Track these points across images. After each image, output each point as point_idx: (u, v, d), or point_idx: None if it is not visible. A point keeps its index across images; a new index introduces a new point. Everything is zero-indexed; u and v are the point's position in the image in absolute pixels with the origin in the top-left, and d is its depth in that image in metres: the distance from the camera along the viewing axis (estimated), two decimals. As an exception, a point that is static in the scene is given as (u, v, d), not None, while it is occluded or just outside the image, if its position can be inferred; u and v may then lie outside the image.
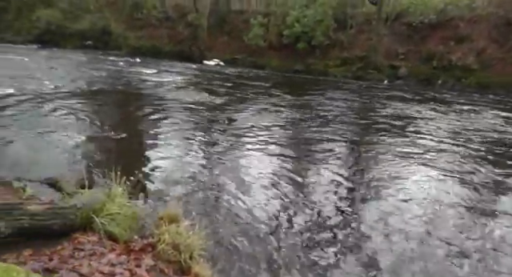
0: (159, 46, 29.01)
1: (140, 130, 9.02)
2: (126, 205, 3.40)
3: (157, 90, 14.61)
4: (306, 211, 5.08)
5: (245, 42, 27.47)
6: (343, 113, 12.63)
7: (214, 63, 26.91)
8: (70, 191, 4.04)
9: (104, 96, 12.87)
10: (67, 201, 3.10)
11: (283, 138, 9.01)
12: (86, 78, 16.02)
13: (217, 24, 29.42)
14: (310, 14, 24.85)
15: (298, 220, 4.81)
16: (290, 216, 4.90)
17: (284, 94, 15.65)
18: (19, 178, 5.17)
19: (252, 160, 7.08)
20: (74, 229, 2.97)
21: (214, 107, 12.01)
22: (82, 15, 30.32)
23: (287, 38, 25.92)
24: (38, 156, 6.45)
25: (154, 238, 3.22)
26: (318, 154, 7.88)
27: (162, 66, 22.52)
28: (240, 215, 4.74)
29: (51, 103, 10.49)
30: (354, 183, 6.33)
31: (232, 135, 8.80)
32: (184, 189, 5.43)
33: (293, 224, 4.70)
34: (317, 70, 25.07)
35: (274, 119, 10.79)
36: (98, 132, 8.28)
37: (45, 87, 12.79)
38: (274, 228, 4.53)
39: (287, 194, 5.62)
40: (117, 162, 4.38)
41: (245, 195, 5.36)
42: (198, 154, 7.25)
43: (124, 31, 29.48)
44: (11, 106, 9.82)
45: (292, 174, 6.51)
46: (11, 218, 2.64)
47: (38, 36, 29.34)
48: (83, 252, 2.85)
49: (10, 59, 19.75)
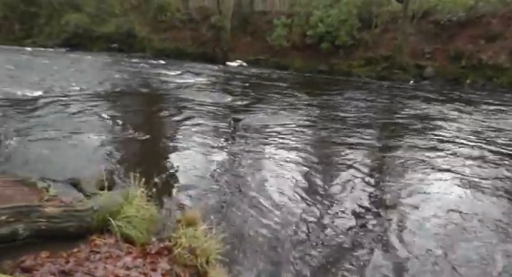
0: (183, 47, 29.33)
1: (162, 132, 9.06)
2: (144, 207, 3.36)
3: (179, 91, 14.71)
4: (327, 217, 4.93)
5: (268, 43, 27.41)
6: (367, 114, 12.35)
7: (237, 64, 26.96)
8: (89, 192, 4.05)
9: (127, 98, 13.05)
10: (84, 203, 3.09)
11: (305, 141, 8.85)
12: (111, 80, 16.33)
13: (240, 25, 29.49)
14: (334, 14, 24.53)
15: (318, 226, 4.67)
16: (310, 221, 4.76)
17: (307, 95, 15.47)
18: (44, 178, 5.27)
19: (273, 163, 6.95)
20: (91, 231, 2.94)
21: (236, 109, 11.98)
22: (108, 19, 31.01)
23: (311, 39, 25.70)
24: (63, 156, 6.56)
25: (171, 242, 3.16)
26: (341, 156, 7.68)
27: (185, 68, 22.71)
28: (259, 220, 4.63)
29: (76, 105, 10.72)
30: (375, 186, 6.13)
31: (253, 137, 8.71)
32: (203, 192, 5.38)
33: (313, 230, 4.56)
34: (340, 70, 24.73)
35: (296, 121, 10.64)
36: (120, 133, 8.36)
37: (71, 89, 13.09)
38: (293, 234, 4.40)
39: (308, 198, 5.47)
40: (137, 164, 4.39)
41: (265, 200, 5.24)
42: (218, 157, 7.18)
43: (148, 34, 29.96)
44: (39, 107, 10.09)
45: (313, 177, 6.37)
46: (29, 221, 2.63)
47: (66, 40, 30.22)
48: (99, 255, 2.82)
49: (40, 62, 20.38)
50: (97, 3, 31.73)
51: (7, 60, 19.79)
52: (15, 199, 3.99)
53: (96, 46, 30.04)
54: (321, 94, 16.37)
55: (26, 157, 6.40)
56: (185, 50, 29.21)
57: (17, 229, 2.55)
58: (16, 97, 11.11)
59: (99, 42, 30.31)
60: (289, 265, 3.79)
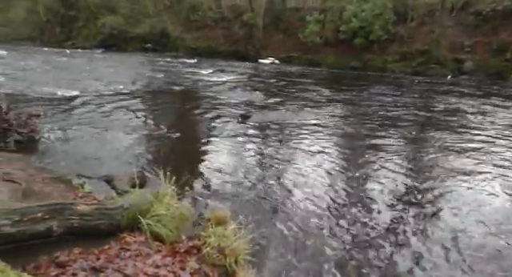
0: (215, 46, 29.59)
1: (193, 130, 9.16)
2: (174, 206, 3.38)
3: (211, 89, 14.81)
4: (362, 218, 4.77)
5: (300, 40, 27.16)
6: (402, 110, 11.96)
7: (269, 62, 26.89)
8: (121, 190, 4.13)
9: (160, 96, 13.28)
10: (115, 201, 3.14)
11: (339, 138, 8.67)
12: (144, 79, 16.70)
13: (272, 22, 29.38)
14: (368, 8, 23.95)
15: (351, 226, 4.52)
16: (342, 222, 4.62)
17: (340, 92, 15.19)
18: (79, 175, 5.44)
19: (306, 161, 6.83)
20: (121, 229, 2.99)
21: (267, 106, 11.91)
22: (142, 20, 31.79)
23: (344, 34, 25.23)
24: (97, 154, 6.74)
25: (200, 241, 3.16)
26: (377, 154, 7.43)
27: (218, 66, 22.87)
28: (289, 220, 4.54)
29: (111, 104, 11.02)
30: (407, 185, 5.89)
31: (285, 135, 8.63)
32: (233, 191, 5.34)
33: (345, 230, 4.42)
34: (374, 66, 24.13)
35: (330, 118, 10.45)
36: (153, 131, 8.51)
37: (106, 88, 13.48)
38: (325, 236, 4.28)
39: (339, 197, 5.34)
40: (168, 162, 4.42)
41: (297, 200, 5.14)
42: (249, 156, 7.15)
43: (181, 33, 30.43)
44: (76, 106, 10.46)
45: (344, 175, 6.22)
46: (62, 218, 2.70)
47: (102, 41, 31.26)
48: (129, 252, 2.85)
49: (78, 63, 21.14)
50: (131, 5, 32.58)
51: (48, 61, 20.66)
52: (53, 196, 4.14)
53: (130, 46, 30.86)
54: (354, 90, 16.02)
55: (64, 154, 6.63)
56: (217, 48, 29.46)
57: (51, 226, 2.62)
58: (55, 96, 11.56)
59: (134, 43, 31.12)
60: (318, 267, 3.70)
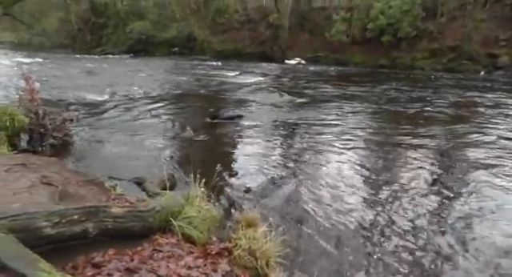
0: (241, 48, 29.76)
1: (222, 132, 9.20)
2: (204, 208, 3.40)
3: (238, 91, 14.89)
4: (392, 217, 4.65)
5: (327, 39, 26.92)
6: (433, 108, 11.62)
7: (296, 62, 26.77)
8: (152, 192, 4.19)
9: (187, 99, 13.45)
10: (147, 204, 3.19)
11: (369, 139, 8.50)
12: (172, 82, 16.98)
13: (298, 22, 29.27)
14: (396, 5, 23.44)
15: (383, 228, 4.42)
16: (373, 225, 4.51)
17: (369, 92, 14.92)
18: (111, 178, 5.58)
19: (335, 164, 6.73)
20: (154, 231, 3.03)
21: (295, 107, 11.86)
22: (169, 24, 32.37)
23: (371, 32, 24.81)
24: (128, 156, 6.91)
25: (231, 243, 3.16)
26: (409, 155, 7.24)
27: (244, 68, 22.97)
28: (320, 223, 4.48)
29: (140, 107, 11.28)
30: (446, 185, 5.70)
31: (314, 137, 8.53)
32: (263, 193, 5.34)
33: (376, 233, 4.32)
34: (403, 63, 23.59)
35: (358, 119, 10.29)
36: (180, 134, 8.62)
37: (135, 92, 13.80)
38: (356, 239, 4.20)
39: (373, 199, 5.22)
40: (197, 164, 4.44)
41: (327, 202, 5.08)
42: (278, 158, 7.13)
43: (207, 36, 30.79)
44: (106, 110, 10.77)
45: (378, 176, 6.09)
46: (97, 220, 2.76)
47: (130, 46, 32.07)
48: (162, 254, 2.88)
49: (107, 68, 21.73)
50: (159, 10, 33.25)
51: (79, 67, 21.35)
52: (87, 198, 4.26)
53: (158, 50, 31.48)
54: (383, 88, 15.71)
55: (95, 157, 6.83)
56: (243, 50, 29.62)
57: (87, 227, 2.68)
58: (86, 101, 11.94)
59: (161, 47, 31.73)
60: (350, 271, 3.63)
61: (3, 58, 23.73)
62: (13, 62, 21.51)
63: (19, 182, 4.28)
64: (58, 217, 2.57)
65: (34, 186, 4.23)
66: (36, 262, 1.40)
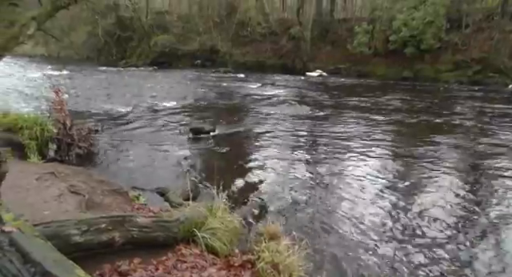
0: (263, 60, 29.98)
1: (242, 144, 9.24)
2: (227, 219, 3.42)
3: (259, 103, 14.96)
4: (417, 230, 4.54)
5: (348, 51, 26.84)
6: (460, 120, 11.36)
7: (317, 74, 26.73)
8: (175, 203, 4.24)
9: (209, 111, 13.58)
10: (171, 214, 3.24)
11: (392, 152, 8.37)
12: (194, 94, 17.21)
13: (320, 34, 29.35)
14: (419, 16, 23.18)
15: (409, 243, 4.31)
16: (402, 241, 4.41)
17: (391, 105, 14.73)
18: (135, 188, 5.68)
19: (358, 176, 6.63)
20: (177, 241, 3.07)
21: (316, 120, 11.82)
22: (192, 37, 32.98)
23: (393, 44, 24.58)
24: (150, 167, 7.02)
25: (254, 255, 3.16)
26: (434, 172, 7.03)
27: (265, 80, 23.09)
28: (344, 238, 4.41)
29: (162, 118, 11.48)
30: (476, 197, 5.54)
31: (336, 150, 8.45)
32: (285, 206, 5.30)
33: (404, 250, 4.21)
34: (426, 76, 23.21)
35: (381, 131, 10.15)
36: (202, 145, 8.70)
37: (158, 104, 14.05)
38: (382, 254, 4.11)
39: (398, 213, 5.12)
40: (219, 176, 4.47)
41: (350, 216, 5.00)
42: (300, 170, 7.07)
43: (230, 49, 31.16)
44: (129, 121, 11.01)
45: (403, 189, 5.98)
46: (124, 229, 2.83)
47: (154, 59, 32.72)
48: (185, 264, 2.91)
49: (131, 80, 22.22)
50: (182, 23, 33.95)
51: (104, 79, 21.95)
52: (112, 207, 4.35)
53: (181, 63, 32.02)
54: (405, 101, 15.48)
55: (119, 167, 6.98)
56: (265, 62, 29.82)
57: (114, 236, 2.75)
58: (111, 112, 12.23)
59: (184, 60, 32.27)
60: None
61: (35, 70, 24.66)
62: (43, 74, 22.33)
63: (49, 191, 4.43)
64: (86, 225, 2.65)
65: (62, 194, 4.37)
66: (73, 269, 1.44)
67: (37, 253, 1.42)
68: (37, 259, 1.37)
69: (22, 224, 1.69)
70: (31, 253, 1.40)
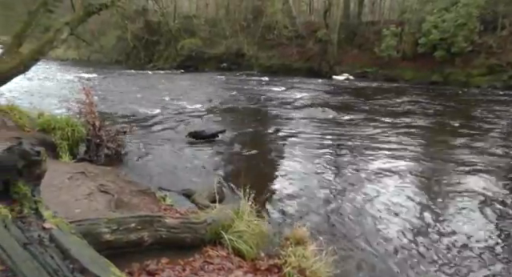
0: (289, 63, 29.88)
1: (268, 147, 9.23)
2: (254, 223, 3.41)
3: (285, 107, 14.92)
4: (448, 245, 4.38)
5: (376, 54, 26.41)
6: (491, 127, 10.97)
7: (343, 78, 26.43)
8: (201, 205, 4.27)
9: (235, 114, 13.66)
10: (199, 216, 3.26)
11: (420, 158, 8.14)
12: (220, 97, 17.33)
13: (347, 37, 29.03)
14: (451, 18, 22.52)
15: (440, 252, 4.18)
16: (435, 248, 4.27)
17: (419, 109, 14.39)
18: (161, 188, 5.76)
19: (385, 182, 6.50)
20: (204, 243, 3.08)
21: (342, 124, 11.68)
22: (218, 41, 33.30)
23: (423, 47, 24.00)
24: (176, 168, 7.12)
25: (280, 260, 3.13)
26: (463, 181, 6.81)
27: (291, 83, 22.99)
28: (372, 245, 4.30)
29: (189, 120, 11.61)
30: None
31: (363, 154, 8.32)
32: (312, 210, 5.24)
33: (437, 258, 4.09)
34: (456, 80, 22.51)
35: (408, 137, 9.90)
36: (228, 147, 8.75)
37: (184, 107, 14.22)
38: (413, 263, 3.99)
39: (429, 220, 4.97)
40: (246, 179, 4.47)
41: (380, 223, 4.89)
42: (326, 174, 7.00)
43: (256, 52, 31.26)
44: (157, 123, 11.20)
45: (431, 195, 5.82)
46: (152, 229, 2.86)
47: (181, 62, 33.25)
48: (212, 266, 2.92)
49: (158, 83, 22.57)
50: (209, 27, 34.35)
51: (132, 82, 22.42)
52: (140, 207, 4.42)
53: (207, 66, 32.39)
54: (434, 106, 15.10)
55: (146, 168, 7.10)
56: (291, 65, 29.71)
57: (143, 236, 2.79)
58: (138, 114, 12.47)
59: (210, 63, 32.62)
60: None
61: (66, 73, 25.50)
62: (74, 77, 23.07)
63: (80, 189, 4.54)
64: (116, 224, 2.70)
65: (92, 193, 4.47)
66: (108, 267, 1.47)
67: (74, 250, 1.45)
68: (75, 256, 1.40)
69: (60, 221, 1.74)
70: (70, 250, 1.44)
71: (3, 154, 1.81)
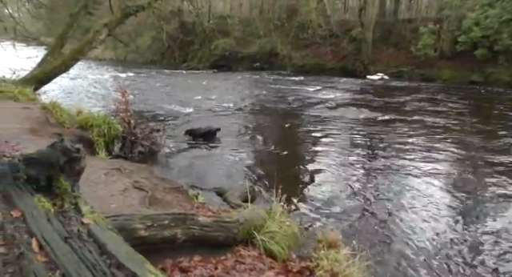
0: (322, 63, 29.53)
1: (301, 148, 9.15)
2: (286, 224, 3.38)
3: (318, 107, 14.76)
4: (491, 252, 4.18)
5: (412, 53, 25.58)
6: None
7: (378, 77, 25.81)
8: (233, 204, 4.28)
9: (267, 113, 13.64)
10: (231, 215, 3.26)
11: (456, 163, 7.81)
12: (252, 96, 17.38)
13: (382, 36, 28.34)
14: (495, 14, 21.40)
15: (482, 258, 3.99)
16: (474, 255, 4.09)
17: (457, 110, 13.83)
18: (193, 186, 5.83)
19: (421, 185, 6.29)
20: (236, 242, 3.08)
21: (376, 124, 11.41)
22: (252, 41, 33.42)
23: (462, 45, 22.99)
24: (208, 167, 7.18)
25: (312, 262, 3.08)
26: (507, 186, 6.49)
27: (325, 83, 22.70)
28: (407, 252, 4.15)
29: (222, 119, 11.71)
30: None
31: (398, 157, 8.09)
32: (344, 213, 5.14)
33: (475, 263, 3.91)
34: (499, 80, 21.42)
35: (445, 140, 9.54)
36: (260, 147, 8.75)
37: (217, 106, 14.38)
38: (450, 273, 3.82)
39: (466, 225, 4.77)
40: (278, 179, 4.44)
41: (415, 228, 4.72)
42: (360, 176, 6.85)
43: (289, 51, 31.11)
44: (189, 121, 11.34)
45: (469, 201, 5.58)
46: (185, 227, 2.89)
47: (214, 62, 33.64)
48: (244, 266, 2.91)
49: (192, 83, 22.93)
50: (243, 27, 34.52)
51: (166, 81, 22.83)
52: (173, 205, 4.49)
53: (240, 66, 32.57)
54: (474, 107, 14.49)
55: (178, 166, 7.22)
56: (324, 65, 29.35)
57: (176, 233, 2.82)
58: (172, 112, 12.70)
59: (243, 63, 32.78)
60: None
61: (104, 73, 26.37)
62: (111, 76, 23.82)
63: (115, 185, 4.67)
64: (150, 221, 2.74)
65: (127, 189, 4.58)
66: (143, 263, 1.49)
67: (111, 245, 1.48)
68: (112, 251, 1.43)
69: (97, 217, 1.78)
70: (106, 245, 1.47)
71: (46, 150, 1.88)
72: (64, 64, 12.33)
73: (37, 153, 1.91)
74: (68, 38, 13.76)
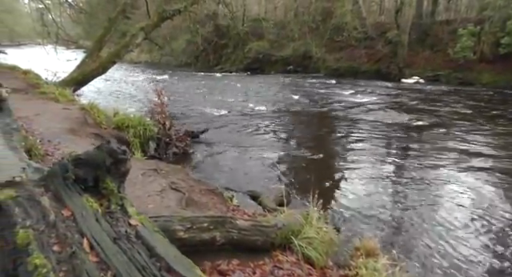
0: (356, 66, 29.04)
1: (335, 152, 9.00)
2: (323, 230, 3.32)
3: (351, 110, 14.51)
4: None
5: (449, 56, 24.64)
6: None
7: (413, 81, 25.05)
8: (269, 208, 4.25)
9: (300, 116, 13.54)
10: (268, 219, 3.24)
11: (498, 168, 7.45)
12: (286, 99, 17.29)
13: (418, 38, 27.50)
14: (541, 15, 20.32)
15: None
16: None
17: (499, 118, 13.18)
18: (228, 189, 5.85)
19: (461, 193, 6.05)
20: (274, 247, 3.05)
21: (412, 129, 11.07)
22: (286, 43, 33.34)
23: (506, 48, 21.91)
24: (241, 170, 7.19)
25: (351, 271, 3.01)
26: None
27: (358, 86, 22.31)
28: (449, 262, 3.99)
29: (254, 122, 11.73)
30: None
31: (437, 162, 7.81)
32: (382, 221, 5.00)
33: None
34: (547, 85, 20.30)
35: (484, 146, 9.11)
36: (294, 151, 8.67)
37: (251, 108, 14.41)
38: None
39: (502, 234, 4.52)
40: (313, 184, 4.39)
41: (457, 238, 4.53)
42: (397, 183, 6.65)
43: (323, 54, 30.80)
44: (224, 125, 11.43)
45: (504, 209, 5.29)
46: (224, 230, 2.89)
47: (247, 64, 33.78)
48: (282, 271, 2.88)
49: (226, 85, 23.12)
50: (278, 30, 34.51)
51: (201, 84, 23.14)
52: (208, 207, 4.51)
53: (274, 68, 32.55)
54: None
55: (211, 168, 7.26)
56: (359, 68, 28.84)
57: (215, 236, 2.83)
58: (206, 115, 12.85)
59: (277, 65, 32.74)
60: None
61: (139, 75, 27.07)
62: (146, 78, 24.42)
63: (152, 186, 4.75)
64: (189, 223, 2.76)
65: (164, 190, 4.66)
66: (192, 268, 1.49)
67: (160, 248, 1.49)
68: (161, 254, 1.44)
69: (144, 219, 1.80)
70: (155, 248, 1.48)
71: (94, 151, 1.92)
72: (101, 66, 12.78)
73: (84, 154, 1.96)
74: (106, 42, 14.24)
